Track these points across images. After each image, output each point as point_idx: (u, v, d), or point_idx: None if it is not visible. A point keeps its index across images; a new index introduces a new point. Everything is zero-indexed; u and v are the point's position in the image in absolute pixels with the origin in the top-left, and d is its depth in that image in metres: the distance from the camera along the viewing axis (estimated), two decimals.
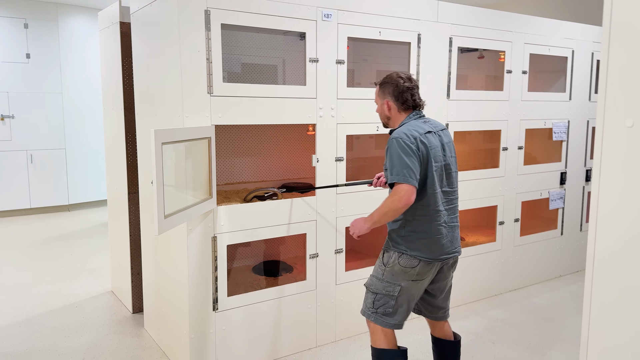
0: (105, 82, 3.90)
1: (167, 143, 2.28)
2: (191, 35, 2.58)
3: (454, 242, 2.35)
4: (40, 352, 3.12)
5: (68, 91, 7.07)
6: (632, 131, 0.98)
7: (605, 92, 1.02)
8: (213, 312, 2.80)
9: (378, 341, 2.33)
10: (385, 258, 2.34)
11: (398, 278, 2.28)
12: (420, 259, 2.26)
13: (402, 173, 2.15)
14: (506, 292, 4.14)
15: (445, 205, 2.32)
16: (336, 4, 3.01)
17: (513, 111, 3.96)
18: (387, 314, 2.30)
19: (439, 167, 2.27)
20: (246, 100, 2.77)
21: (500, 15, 3.80)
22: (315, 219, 3.08)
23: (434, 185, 2.25)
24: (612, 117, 1.01)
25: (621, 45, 0.99)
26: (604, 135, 1.02)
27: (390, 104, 2.37)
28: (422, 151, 2.21)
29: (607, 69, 1.02)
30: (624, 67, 0.99)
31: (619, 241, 1.04)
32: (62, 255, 5.09)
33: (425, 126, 2.30)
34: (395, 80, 2.34)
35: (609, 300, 1.08)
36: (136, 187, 3.59)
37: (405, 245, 2.29)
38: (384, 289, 2.31)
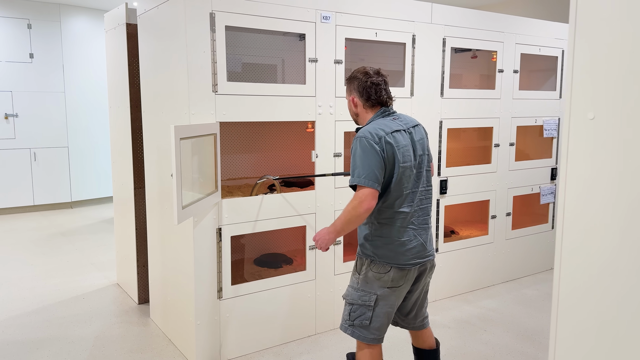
0: (111, 81, 4.03)
1: (184, 138, 2.43)
2: (197, 37, 2.72)
3: (426, 245, 2.23)
4: (50, 340, 3.26)
5: (70, 90, 7.19)
6: (594, 123, 1.13)
7: (571, 87, 1.16)
8: (218, 300, 2.94)
9: (362, 356, 2.22)
10: (358, 265, 2.24)
11: (373, 286, 2.17)
12: (391, 265, 2.15)
13: (363, 175, 2.05)
14: (498, 283, 4.29)
15: (415, 206, 2.19)
16: (334, 7, 3.15)
17: (505, 109, 4.11)
18: (364, 327, 2.18)
19: (407, 167, 2.14)
20: (249, 99, 2.92)
21: (492, 16, 3.95)
22: (315, 212, 3.23)
23: (399, 186, 2.13)
24: (576, 110, 1.16)
25: (586, 42, 1.13)
26: (570, 128, 1.17)
27: (356, 100, 2.25)
28: (387, 151, 2.08)
29: (572, 65, 1.17)
30: (587, 62, 1.13)
31: (584, 229, 1.17)
32: (67, 250, 5.23)
33: (394, 124, 2.17)
34: (361, 75, 2.22)
35: (576, 286, 1.21)
36: (142, 182, 3.72)
37: (373, 251, 2.18)
38: (359, 298, 2.19)
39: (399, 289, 2.19)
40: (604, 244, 1.13)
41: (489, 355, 3.10)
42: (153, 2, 3.07)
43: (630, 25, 1.04)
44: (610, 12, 1.08)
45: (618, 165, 1.08)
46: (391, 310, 2.21)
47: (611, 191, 1.10)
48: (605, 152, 1.10)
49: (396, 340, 3.20)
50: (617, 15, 1.06)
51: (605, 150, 1.10)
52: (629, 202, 1.07)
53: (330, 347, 3.17)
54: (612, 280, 1.11)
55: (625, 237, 1.08)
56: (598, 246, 1.14)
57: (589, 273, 1.16)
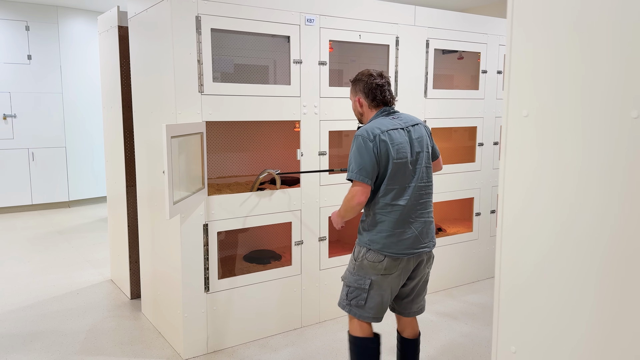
0: (105, 82, 4.14)
1: (175, 137, 2.54)
2: (183, 39, 2.82)
3: (423, 238, 2.34)
4: (44, 333, 3.36)
5: (68, 91, 7.31)
6: (527, 120, 1.23)
7: (509, 86, 1.27)
8: (204, 294, 3.04)
9: (353, 329, 2.40)
10: (356, 252, 2.39)
11: (367, 272, 2.32)
12: (385, 254, 2.28)
13: (356, 171, 2.23)
14: (483, 279, 4.39)
15: (413, 200, 2.30)
16: (318, 10, 3.25)
17: (488, 109, 4.21)
18: (360, 307, 2.34)
19: (402, 163, 2.27)
20: (234, 99, 3.02)
21: (475, 18, 4.05)
22: (300, 208, 3.33)
23: (394, 181, 2.26)
24: (513, 108, 1.26)
25: (520, 41, 1.23)
26: (508, 126, 1.27)
27: (362, 100, 2.42)
28: (381, 148, 2.23)
29: (510, 64, 1.27)
30: (522, 61, 1.24)
31: (523, 222, 1.26)
32: (63, 248, 5.33)
33: (392, 123, 2.32)
34: (366, 77, 2.40)
35: (519, 277, 1.30)
36: (134, 181, 3.83)
37: (369, 239, 2.32)
38: (355, 282, 2.35)
39: (392, 276, 2.33)
40: (542, 238, 1.23)
41: (468, 346, 3.20)
42: (143, 5, 3.18)
43: (557, 33, 1.14)
44: (540, 21, 1.18)
45: (551, 158, 1.19)
46: (385, 293, 2.35)
47: (545, 183, 1.20)
48: (537, 146, 1.21)
49: None
50: (547, 24, 1.16)
51: (538, 144, 1.21)
52: (566, 194, 1.17)
53: (315, 340, 3.27)
54: (552, 271, 1.21)
55: (562, 225, 1.18)
56: (536, 240, 1.24)
57: (530, 261, 1.26)
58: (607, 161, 1.08)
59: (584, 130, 1.12)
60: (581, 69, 1.12)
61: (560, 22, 1.15)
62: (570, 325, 1.18)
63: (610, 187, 1.08)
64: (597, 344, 1.14)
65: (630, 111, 1.03)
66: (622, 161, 1.06)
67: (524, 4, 1.22)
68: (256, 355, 3.07)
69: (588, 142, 1.11)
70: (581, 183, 1.13)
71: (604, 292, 1.11)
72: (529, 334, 1.27)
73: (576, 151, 1.14)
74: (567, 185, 1.16)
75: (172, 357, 3.05)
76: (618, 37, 1.05)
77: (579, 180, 1.14)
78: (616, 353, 1.11)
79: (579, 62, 1.12)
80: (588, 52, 1.10)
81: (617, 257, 1.09)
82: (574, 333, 1.18)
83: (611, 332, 1.11)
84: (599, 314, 1.13)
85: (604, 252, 1.11)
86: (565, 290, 1.19)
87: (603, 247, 1.11)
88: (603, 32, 1.07)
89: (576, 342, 1.18)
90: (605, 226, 1.10)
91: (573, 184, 1.15)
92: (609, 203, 1.09)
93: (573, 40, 1.13)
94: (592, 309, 1.14)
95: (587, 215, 1.13)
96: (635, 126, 1.03)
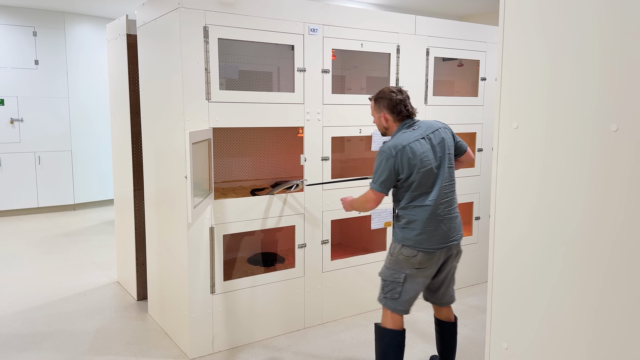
0: (113, 88, 4.24)
1: (195, 143, 2.66)
2: (191, 48, 2.92)
3: (451, 232, 2.59)
4: (54, 333, 3.45)
5: (74, 96, 7.42)
6: (517, 132, 1.32)
7: (500, 99, 1.36)
8: (211, 295, 3.14)
9: (385, 321, 2.63)
10: (392, 248, 2.63)
11: (402, 267, 2.56)
12: (418, 250, 2.52)
13: (377, 182, 2.53)
14: (482, 282, 4.48)
15: (440, 199, 2.54)
16: (321, 20, 3.35)
17: (487, 115, 4.30)
18: (394, 299, 2.58)
19: (427, 169, 2.51)
20: (240, 106, 3.12)
21: (474, 27, 4.15)
22: (303, 212, 3.42)
23: (421, 186, 2.52)
24: (504, 120, 1.35)
25: (511, 58, 1.32)
26: (499, 137, 1.36)
27: (387, 116, 2.65)
28: (403, 162, 2.49)
29: (501, 80, 1.36)
30: (514, 78, 1.33)
31: (514, 228, 1.36)
32: (70, 250, 5.43)
33: (413, 135, 2.55)
34: (388, 95, 2.63)
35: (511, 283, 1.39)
36: (141, 185, 3.92)
37: (402, 236, 2.57)
38: (391, 276, 2.60)
39: (425, 270, 2.59)
40: (530, 240, 1.32)
41: (466, 348, 3.29)
42: (152, 14, 3.28)
43: (547, 51, 1.24)
44: (531, 41, 1.28)
45: (539, 167, 1.28)
46: (418, 287, 2.61)
47: (533, 190, 1.29)
48: (526, 156, 1.30)
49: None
50: (537, 43, 1.26)
51: (526, 154, 1.30)
52: (553, 200, 1.26)
53: (318, 341, 3.35)
54: (541, 271, 1.30)
55: (550, 231, 1.27)
56: (525, 246, 1.33)
57: (521, 266, 1.35)
58: (592, 171, 1.17)
59: (570, 142, 1.21)
60: (567, 84, 1.21)
61: (549, 39, 1.24)
62: (561, 322, 1.27)
63: (594, 194, 1.17)
64: (586, 340, 1.23)
65: (610, 124, 1.12)
66: (605, 171, 1.15)
67: (514, 21, 1.32)
68: (260, 355, 3.16)
69: (573, 153, 1.20)
70: (567, 190, 1.22)
71: (591, 290, 1.20)
72: (521, 331, 1.36)
73: (562, 161, 1.23)
74: (553, 192, 1.25)
75: (178, 357, 3.14)
76: (602, 53, 1.14)
77: (564, 187, 1.23)
78: (606, 348, 1.20)
79: (566, 77, 1.21)
80: (575, 68, 1.19)
81: (603, 257, 1.18)
82: (565, 330, 1.27)
83: (600, 328, 1.20)
84: (588, 311, 1.22)
85: (590, 253, 1.20)
86: (554, 289, 1.28)
87: (590, 248, 1.20)
88: (589, 49, 1.16)
89: (566, 339, 1.27)
90: (590, 229, 1.19)
91: (559, 191, 1.24)
92: (593, 208, 1.18)
93: (561, 56, 1.22)
94: (582, 306, 1.23)
95: (573, 219, 1.22)
96: (614, 138, 1.12)
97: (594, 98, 1.16)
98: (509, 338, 1.39)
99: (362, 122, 3.61)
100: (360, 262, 3.74)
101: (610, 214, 1.15)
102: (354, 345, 3.30)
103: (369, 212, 3.54)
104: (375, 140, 3.66)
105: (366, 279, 3.78)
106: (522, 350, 1.36)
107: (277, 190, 3.36)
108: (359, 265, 3.74)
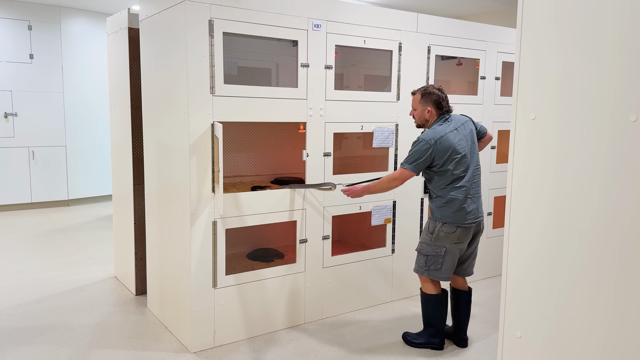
0: (113, 82, 4.22)
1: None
2: (196, 42, 2.92)
3: (480, 209, 3.05)
4: (53, 327, 3.43)
5: (69, 90, 7.37)
6: (535, 123, 1.35)
7: (517, 90, 1.38)
8: (212, 289, 3.14)
9: (428, 289, 3.11)
10: (431, 227, 3.05)
11: (443, 242, 3.01)
12: (457, 226, 2.96)
13: (412, 163, 2.93)
14: (479, 279, 4.51)
15: (470, 181, 2.99)
16: (325, 15, 3.36)
17: (486, 114, 4.34)
18: (437, 270, 3.05)
19: (461, 156, 2.96)
20: (244, 100, 3.12)
21: (475, 26, 4.18)
22: (305, 207, 3.43)
23: (456, 170, 2.96)
24: (521, 111, 1.37)
25: (529, 49, 1.35)
26: (516, 128, 1.38)
27: (431, 110, 3.05)
28: (440, 150, 2.92)
29: (518, 70, 1.38)
30: (531, 67, 1.35)
31: (531, 217, 1.38)
32: (65, 245, 5.40)
33: (446, 127, 2.98)
34: (435, 92, 3.04)
35: (522, 272, 1.41)
36: (141, 179, 3.91)
37: (441, 215, 2.99)
38: (432, 251, 3.04)
39: (462, 244, 3.04)
40: (547, 232, 1.34)
41: (469, 344, 3.31)
42: (155, 8, 3.27)
43: (564, 40, 1.26)
44: (548, 29, 1.30)
45: (557, 158, 1.30)
46: (455, 257, 3.07)
47: (552, 182, 1.31)
48: (544, 147, 1.32)
49: (385, 326, 3.40)
50: (554, 32, 1.28)
51: (545, 145, 1.32)
52: (571, 192, 1.29)
53: (318, 335, 3.36)
54: (555, 262, 1.32)
55: (562, 220, 1.29)
56: (540, 233, 1.35)
57: (534, 257, 1.37)
58: (609, 161, 1.20)
59: (588, 132, 1.23)
60: (586, 76, 1.23)
61: (567, 31, 1.27)
62: (575, 310, 1.30)
63: (612, 185, 1.20)
64: (602, 328, 1.25)
65: (629, 115, 1.14)
66: (622, 161, 1.17)
67: (533, 13, 1.34)
68: (261, 349, 3.16)
69: (591, 143, 1.23)
70: (585, 182, 1.25)
71: (605, 281, 1.23)
72: (535, 319, 1.38)
73: (580, 151, 1.25)
74: (570, 182, 1.28)
75: (179, 350, 3.14)
76: (621, 45, 1.16)
77: (583, 179, 1.25)
78: (621, 336, 1.22)
79: (584, 69, 1.23)
80: (593, 60, 1.22)
81: (620, 250, 1.20)
82: (580, 318, 1.29)
83: (616, 317, 1.22)
84: (603, 300, 1.24)
85: (606, 245, 1.22)
86: (568, 279, 1.31)
87: (605, 240, 1.22)
88: (608, 41, 1.19)
89: (582, 327, 1.29)
90: (607, 221, 1.21)
91: (576, 181, 1.26)
92: (611, 200, 1.20)
93: (579, 48, 1.24)
94: (595, 297, 1.25)
95: (589, 209, 1.24)
96: (634, 129, 1.14)
97: (612, 88, 1.18)
98: (522, 327, 1.41)
99: (364, 118, 3.63)
100: (360, 258, 3.76)
101: (626, 204, 1.17)
102: (354, 340, 3.32)
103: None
104: (377, 137, 3.69)
105: (366, 274, 3.80)
106: (536, 339, 1.38)
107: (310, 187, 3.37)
108: (360, 262, 3.75)
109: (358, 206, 3.67)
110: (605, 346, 1.24)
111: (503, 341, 1.47)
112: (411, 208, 3.98)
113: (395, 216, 3.89)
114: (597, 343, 1.25)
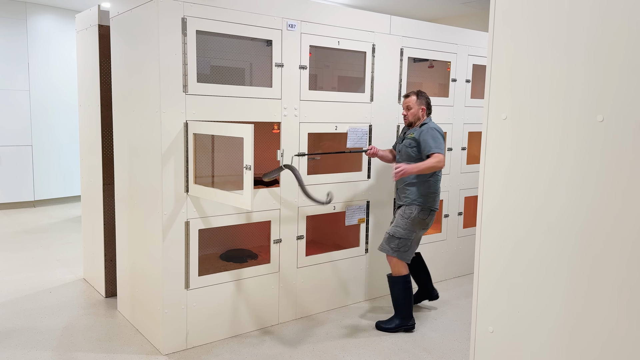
0: (82, 80, 4.13)
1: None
2: (169, 40, 2.89)
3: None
4: (19, 330, 3.34)
5: (35, 89, 7.17)
6: (506, 122, 1.38)
7: (489, 90, 1.41)
8: (185, 290, 3.10)
9: (401, 270, 3.40)
10: (407, 213, 3.41)
11: (415, 227, 3.41)
12: (430, 210, 3.42)
13: (441, 147, 3.35)
14: (450, 278, 4.58)
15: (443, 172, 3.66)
16: (300, 16, 3.37)
17: (457, 115, 4.41)
18: (405, 252, 3.39)
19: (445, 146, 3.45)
20: (218, 99, 3.10)
21: (446, 29, 4.25)
22: (279, 207, 3.43)
23: None
24: (493, 111, 1.40)
25: (501, 50, 1.38)
26: (488, 127, 1.41)
27: (424, 109, 3.49)
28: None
29: (490, 71, 1.42)
30: (502, 68, 1.38)
31: (502, 215, 1.42)
32: (32, 247, 5.25)
33: None
34: (425, 94, 3.52)
35: (494, 264, 1.45)
36: (111, 179, 3.84)
37: (424, 199, 3.39)
38: (406, 234, 3.38)
39: (425, 229, 3.51)
40: (517, 228, 1.37)
41: (438, 340, 3.36)
42: (127, 5, 3.22)
43: (537, 42, 1.30)
44: (521, 31, 1.33)
45: (526, 157, 1.33)
46: (418, 241, 3.51)
47: (520, 179, 1.35)
48: (514, 146, 1.36)
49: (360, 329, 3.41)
50: (527, 34, 1.31)
51: (515, 144, 1.35)
52: (539, 189, 1.32)
53: (292, 335, 3.36)
54: (526, 258, 1.36)
55: (537, 217, 1.33)
56: (512, 229, 1.39)
57: (507, 249, 1.41)
58: (578, 159, 1.23)
59: (557, 132, 1.27)
60: (556, 77, 1.27)
61: (543, 34, 1.30)
62: (547, 304, 1.33)
63: (580, 182, 1.24)
64: (568, 324, 1.29)
65: (596, 115, 1.18)
66: (590, 159, 1.21)
67: (510, 15, 1.37)
68: (235, 351, 3.14)
69: (560, 141, 1.27)
70: (554, 178, 1.28)
71: (574, 276, 1.27)
72: (506, 314, 1.42)
73: (550, 150, 1.29)
74: (542, 181, 1.31)
75: (151, 353, 3.09)
76: (591, 48, 1.20)
77: (552, 176, 1.29)
78: (586, 331, 1.26)
79: (556, 70, 1.27)
80: (565, 62, 1.25)
81: (587, 245, 1.24)
82: (547, 314, 1.33)
83: (585, 310, 1.26)
84: (570, 296, 1.28)
85: (574, 240, 1.26)
86: (538, 275, 1.34)
87: (574, 236, 1.26)
88: (578, 44, 1.23)
89: (549, 323, 1.33)
90: (575, 217, 1.25)
91: (546, 180, 1.30)
92: (579, 197, 1.24)
93: (551, 50, 1.28)
94: (564, 292, 1.29)
95: (558, 207, 1.28)
96: (600, 129, 1.18)
97: (581, 89, 1.22)
98: (494, 322, 1.45)
99: (338, 119, 3.64)
100: (334, 258, 3.77)
101: (594, 201, 1.21)
102: (328, 339, 3.33)
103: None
104: (351, 137, 3.71)
105: (340, 274, 3.81)
106: (508, 334, 1.41)
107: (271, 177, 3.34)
108: (334, 261, 3.77)
109: (332, 206, 3.69)
110: (574, 340, 1.27)
111: (475, 337, 1.49)
112: (385, 208, 4.01)
113: (368, 216, 3.92)
114: (567, 337, 1.29)
